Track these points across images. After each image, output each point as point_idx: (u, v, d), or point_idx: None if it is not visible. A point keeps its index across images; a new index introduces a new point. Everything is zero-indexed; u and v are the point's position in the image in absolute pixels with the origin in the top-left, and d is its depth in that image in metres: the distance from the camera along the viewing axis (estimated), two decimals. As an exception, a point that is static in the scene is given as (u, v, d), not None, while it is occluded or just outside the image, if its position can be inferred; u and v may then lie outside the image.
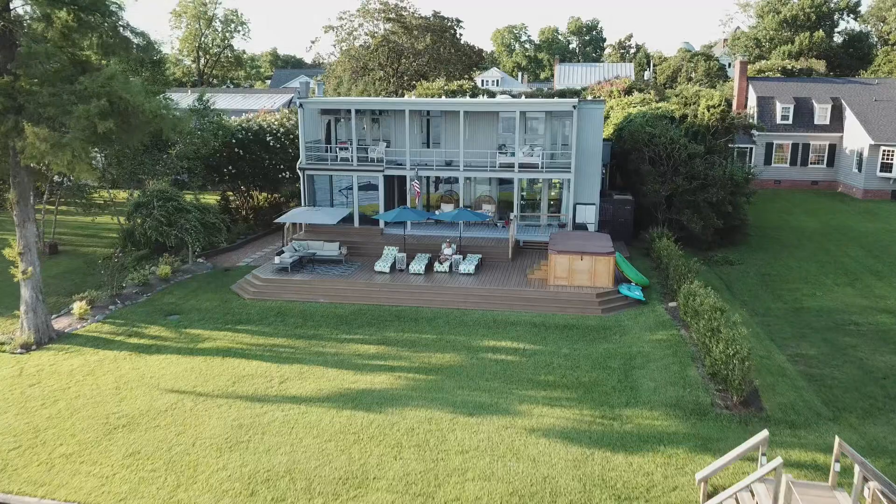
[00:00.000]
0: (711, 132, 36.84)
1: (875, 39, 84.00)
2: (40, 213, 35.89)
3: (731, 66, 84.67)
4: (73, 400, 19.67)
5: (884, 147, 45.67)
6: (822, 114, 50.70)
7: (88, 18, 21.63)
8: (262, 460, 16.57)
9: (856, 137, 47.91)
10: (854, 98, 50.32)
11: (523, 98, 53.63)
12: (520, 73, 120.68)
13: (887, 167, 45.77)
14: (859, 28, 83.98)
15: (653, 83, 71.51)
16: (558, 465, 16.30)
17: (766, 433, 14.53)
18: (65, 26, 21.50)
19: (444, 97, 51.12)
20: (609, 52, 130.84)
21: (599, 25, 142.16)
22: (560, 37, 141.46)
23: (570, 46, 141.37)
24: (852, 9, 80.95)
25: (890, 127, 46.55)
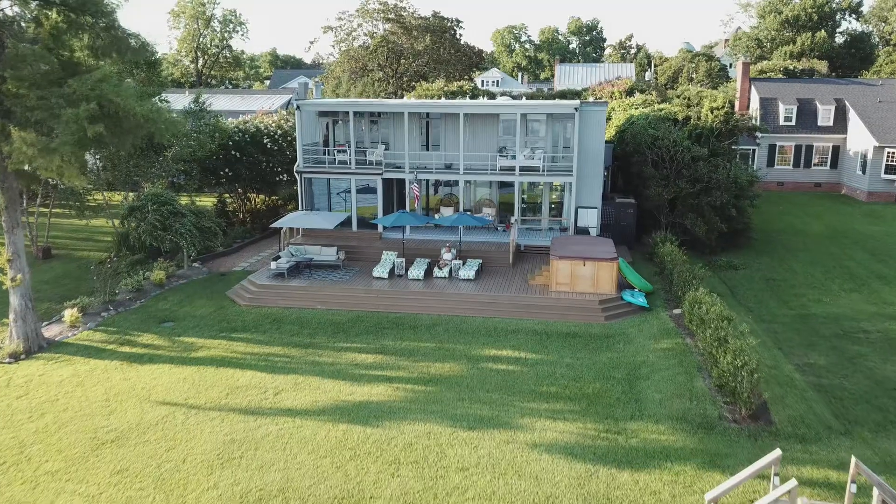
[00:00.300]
0: (715, 134, 36.29)
1: (877, 40, 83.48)
2: (34, 216, 35.30)
3: (732, 66, 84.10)
4: (61, 413, 19.08)
5: (888, 149, 45.08)
6: (825, 115, 50.11)
7: (79, 19, 21.07)
8: (255, 478, 15.98)
9: (860, 139, 47.34)
10: (858, 99, 49.76)
11: (523, 99, 53.06)
12: (520, 74, 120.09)
13: (892, 169, 45.19)
14: (861, 28, 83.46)
15: (654, 84, 70.88)
16: (562, 483, 15.72)
17: (778, 452, 13.94)
18: (54, 27, 20.95)
19: (443, 98, 50.51)
20: (609, 52, 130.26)
21: (600, 26, 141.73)
22: (560, 37, 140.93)
23: (571, 47, 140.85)
24: (854, 9, 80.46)
25: (894, 128, 45.97)
